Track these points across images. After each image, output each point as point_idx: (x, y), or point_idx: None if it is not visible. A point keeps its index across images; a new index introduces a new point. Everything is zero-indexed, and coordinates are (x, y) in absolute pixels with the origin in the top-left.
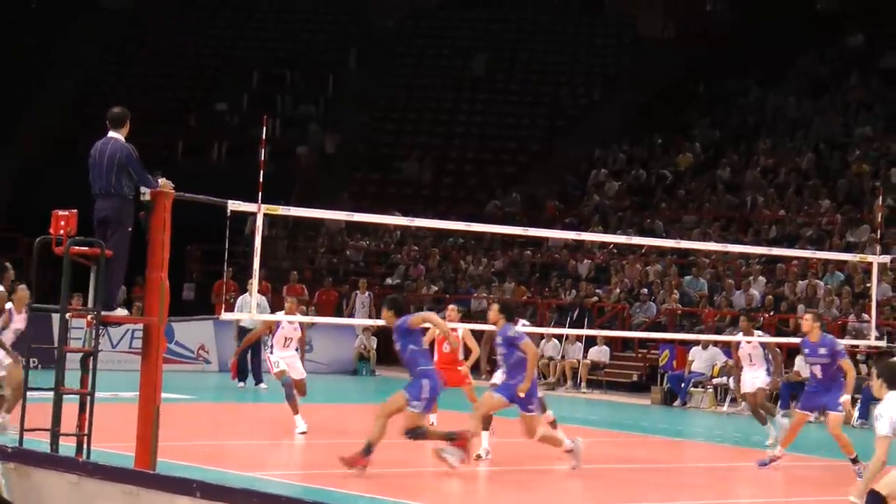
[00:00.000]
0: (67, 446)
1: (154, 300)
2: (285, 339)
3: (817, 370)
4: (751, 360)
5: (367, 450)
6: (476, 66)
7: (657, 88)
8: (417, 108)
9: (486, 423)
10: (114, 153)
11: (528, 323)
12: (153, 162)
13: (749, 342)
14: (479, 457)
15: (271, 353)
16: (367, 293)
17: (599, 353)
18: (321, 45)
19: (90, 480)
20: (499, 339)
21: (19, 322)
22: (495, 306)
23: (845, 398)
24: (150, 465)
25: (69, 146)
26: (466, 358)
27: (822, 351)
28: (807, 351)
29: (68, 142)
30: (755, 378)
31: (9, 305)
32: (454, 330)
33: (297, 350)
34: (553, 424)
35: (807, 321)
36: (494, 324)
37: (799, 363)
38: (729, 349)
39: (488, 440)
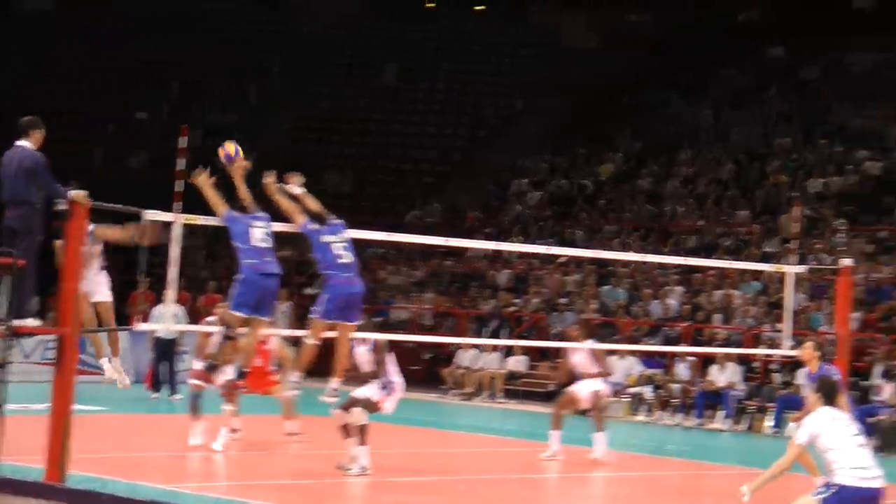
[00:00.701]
0: None
1: (68, 310)
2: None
3: None
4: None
5: None
6: (387, 77)
7: (580, 98)
8: (341, 118)
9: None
10: (21, 161)
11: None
12: (72, 171)
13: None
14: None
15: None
16: (287, 303)
17: (517, 363)
18: (245, 53)
19: None
20: None
21: None
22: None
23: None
24: (60, 478)
25: None
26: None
27: None
28: (805, 383)
29: None
30: (591, 384)
31: None
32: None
33: None
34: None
35: (807, 350)
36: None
37: (714, 373)
38: (649, 359)
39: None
